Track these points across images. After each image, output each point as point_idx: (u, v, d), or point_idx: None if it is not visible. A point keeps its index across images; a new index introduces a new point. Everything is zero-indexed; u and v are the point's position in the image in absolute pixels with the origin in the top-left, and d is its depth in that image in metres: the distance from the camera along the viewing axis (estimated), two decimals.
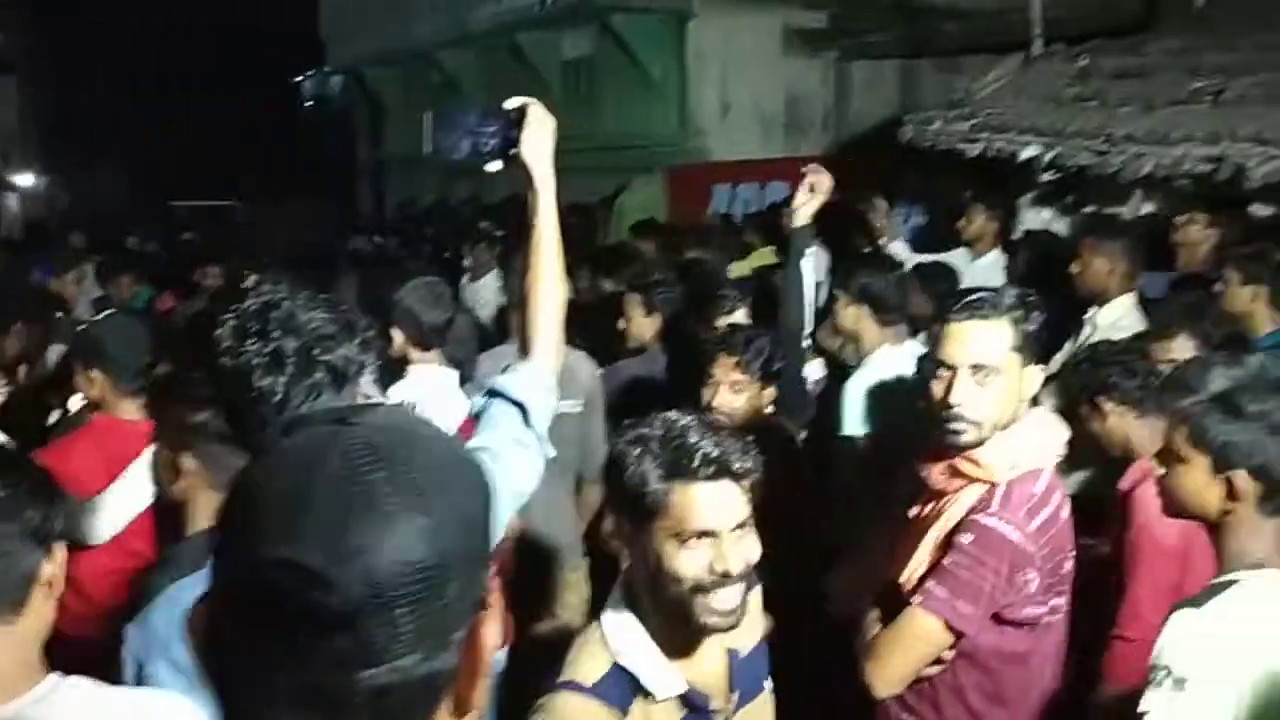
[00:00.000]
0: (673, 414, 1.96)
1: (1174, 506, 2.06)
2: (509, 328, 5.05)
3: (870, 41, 11.99)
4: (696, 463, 1.87)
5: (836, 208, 8.71)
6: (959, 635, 2.34)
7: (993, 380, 2.37)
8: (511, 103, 2.15)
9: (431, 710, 0.89)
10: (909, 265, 6.17)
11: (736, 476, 1.91)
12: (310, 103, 33.95)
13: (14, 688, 1.58)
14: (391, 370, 3.73)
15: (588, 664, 1.93)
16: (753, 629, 2.10)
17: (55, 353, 5.16)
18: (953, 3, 10.63)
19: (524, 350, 2.16)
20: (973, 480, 2.38)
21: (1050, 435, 2.47)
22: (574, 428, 4.34)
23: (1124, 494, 3.03)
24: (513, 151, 2.14)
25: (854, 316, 4.37)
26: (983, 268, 6.41)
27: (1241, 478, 1.94)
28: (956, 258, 6.58)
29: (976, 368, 2.37)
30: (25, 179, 26.54)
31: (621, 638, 1.95)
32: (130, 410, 3.50)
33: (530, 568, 4.12)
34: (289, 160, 30.18)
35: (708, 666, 1.99)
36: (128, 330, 3.71)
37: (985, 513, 2.33)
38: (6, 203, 24.59)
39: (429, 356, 3.73)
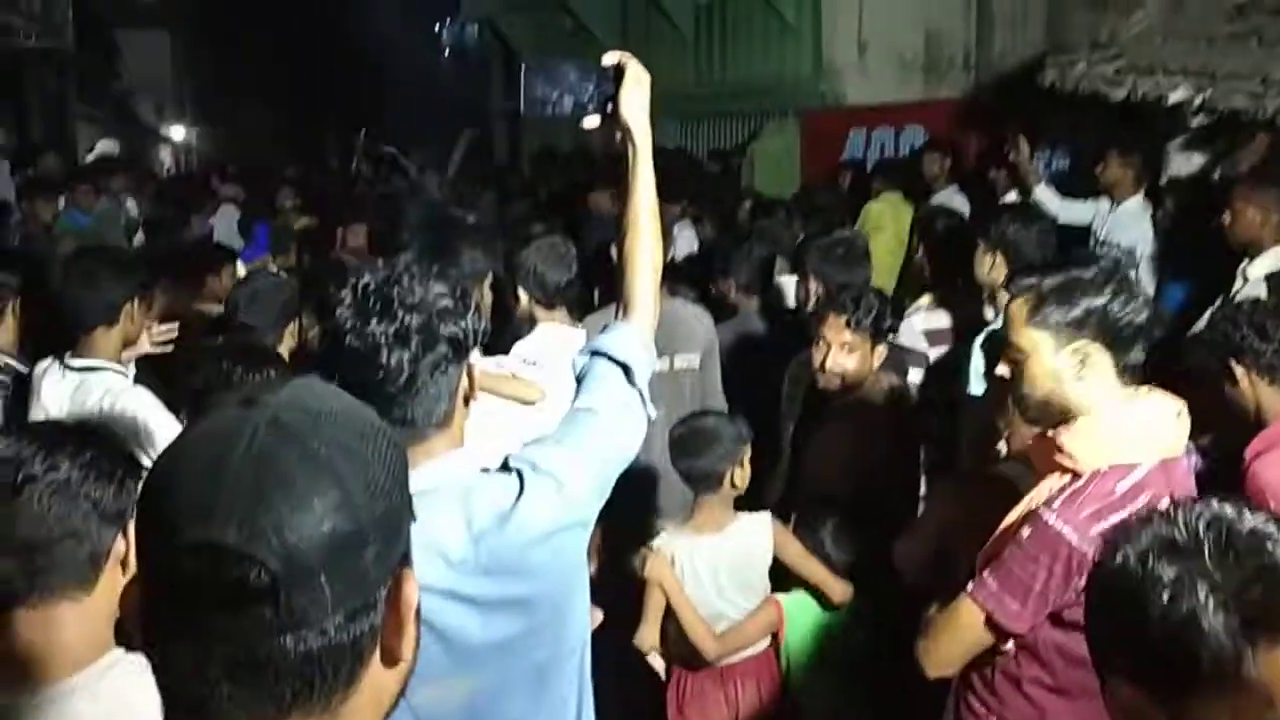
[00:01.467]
0: (1222, 509, 1.40)
1: None
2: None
3: None
4: None
5: (977, 152, 8.56)
6: (1007, 633, 2.20)
7: (1023, 362, 2.21)
8: (609, 58, 2.14)
9: (361, 665, 0.95)
10: (1058, 214, 6.03)
11: None
12: (446, 51, 34.54)
13: (80, 661, 1.60)
14: (518, 328, 3.85)
15: None
16: None
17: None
18: None
19: (624, 310, 2.16)
20: (1062, 466, 2.19)
21: (1160, 427, 2.17)
22: (691, 382, 4.38)
23: (1246, 463, 2.92)
24: (610, 108, 2.13)
25: (989, 264, 4.29)
26: (1124, 215, 6.22)
27: None
28: (1096, 206, 6.40)
29: (1008, 345, 2.24)
30: (177, 131, 27.60)
31: None
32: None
33: (631, 531, 4.14)
34: (428, 108, 30.69)
35: None
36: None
37: (1049, 507, 2.14)
38: (159, 154, 25.60)
39: (554, 315, 3.82)
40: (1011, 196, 6.91)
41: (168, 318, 3.99)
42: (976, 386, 3.97)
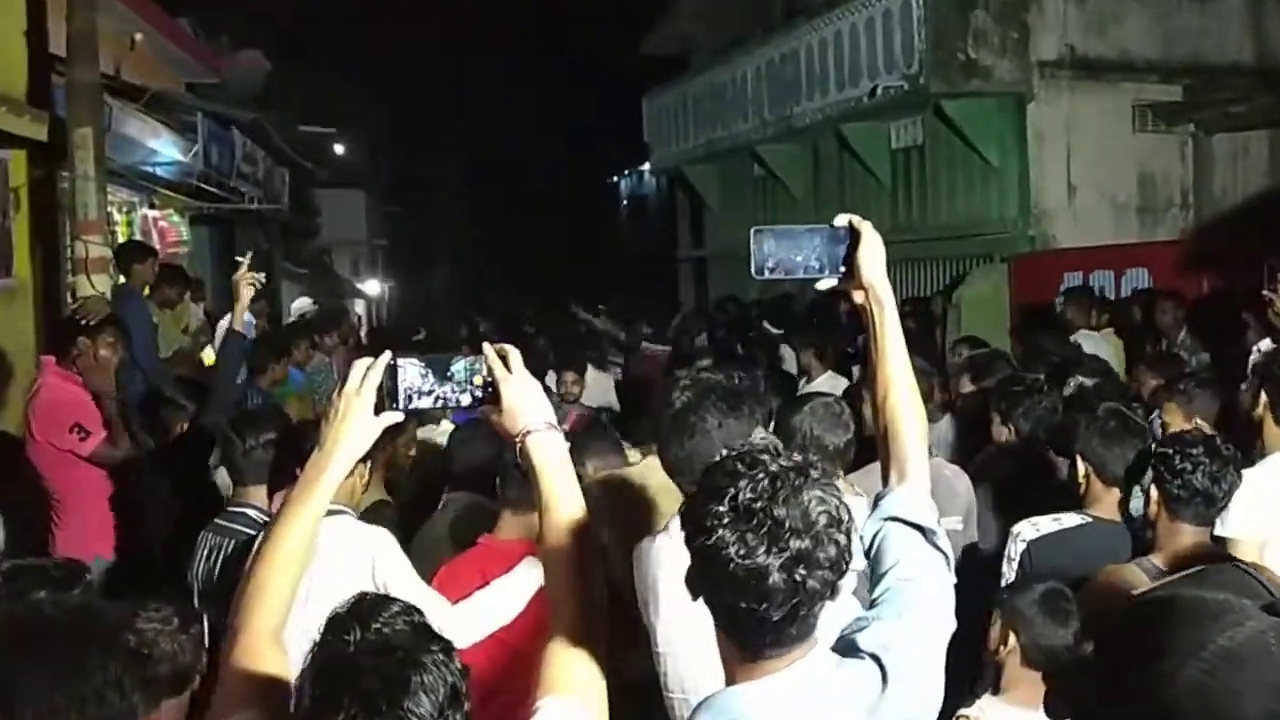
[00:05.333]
0: None
1: None
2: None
3: (1233, 112, 11.30)
4: None
5: (1206, 297, 8.20)
6: None
7: None
8: (840, 220, 2.19)
9: None
10: None
11: None
12: (627, 202, 35.57)
13: None
14: None
15: None
16: None
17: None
18: None
19: (895, 475, 2.15)
20: None
21: None
22: (956, 545, 4.20)
23: None
24: (844, 268, 2.18)
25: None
26: None
27: None
28: None
29: None
30: (371, 286, 28.97)
31: None
32: None
33: None
34: (609, 260, 31.52)
35: None
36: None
37: None
38: (354, 307, 26.83)
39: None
40: (1265, 344, 6.55)
41: None
42: None
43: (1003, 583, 3.84)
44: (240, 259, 6.04)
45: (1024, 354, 7.32)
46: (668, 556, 2.65)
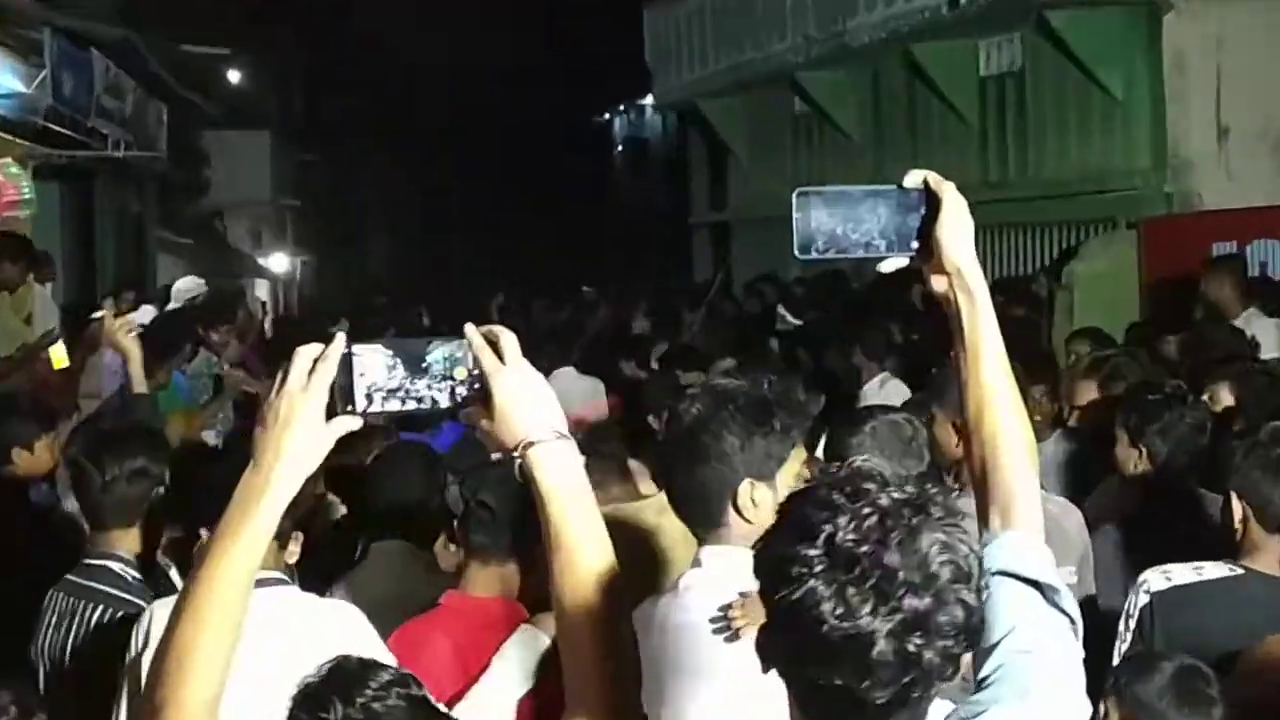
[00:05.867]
0: None
1: None
2: None
3: None
4: None
5: None
6: None
7: None
8: (911, 178, 2.20)
9: None
10: None
11: None
12: (622, 149, 35.65)
13: None
14: None
15: None
16: None
17: None
18: None
19: (997, 516, 2.18)
20: None
21: None
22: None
23: None
24: (918, 245, 2.20)
25: None
26: None
27: None
28: None
29: None
30: (278, 261, 28.95)
31: None
32: None
33: None
34: (598, 226, 31.58)
35: None
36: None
37: None
38: (255, 290, 26.79)
39: None
40: None
41: None
42: None
43: (1117, 648, 3.84)
44: (101, 307, 6.05)
45: (1185, 343, 7.28)
46: (681, 630, 2.64)
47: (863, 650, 1.67)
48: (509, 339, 2.09)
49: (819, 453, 4.05)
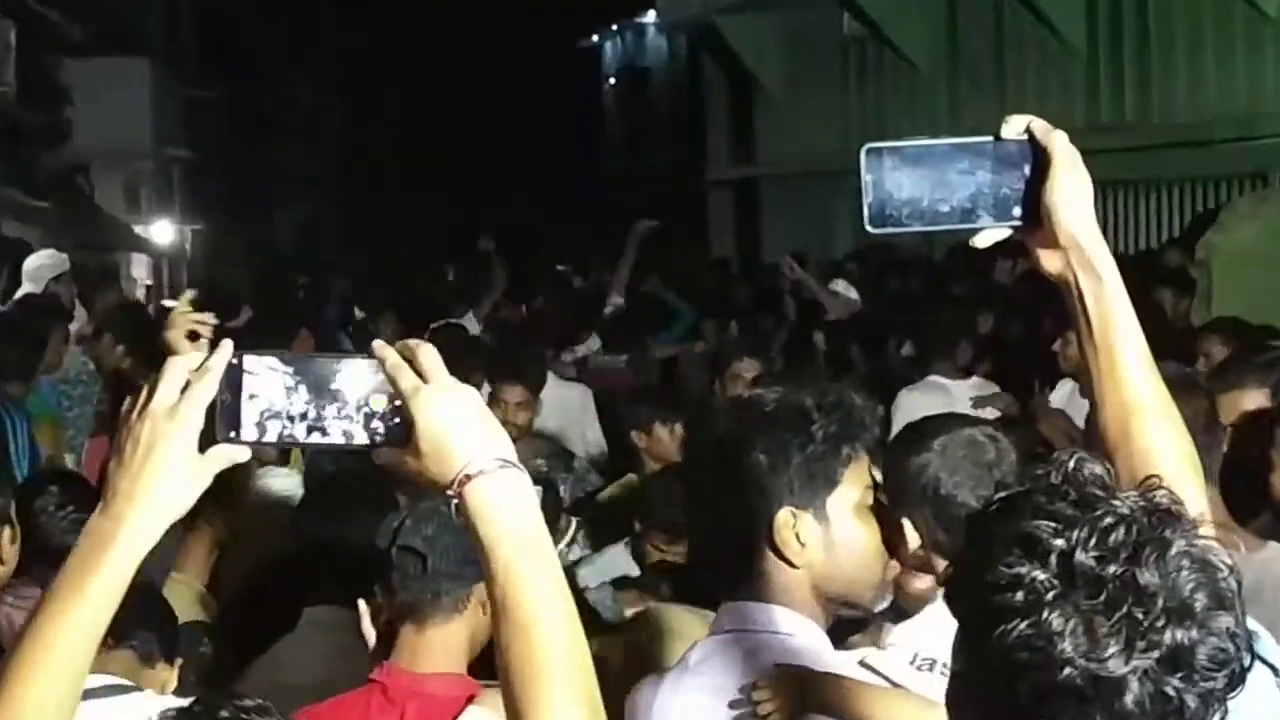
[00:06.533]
0: None
1: None
2: None
3: None
4: None
5: None
6: None
7: None
8: (1011, 126, 2.26)
9: None
10: None
11: None
12: (616, 81, 35.73)
13: None
14: None
15: None
16: None
17: None
18: None
19: None
20: None
21: None
22: None
23: None
24: (1022, 211, 2.25)
25: None
26: None
27: None
28: None
29: None
30: (162, 230, 28.98)
31: None
32: None
33: None
34: (583, 184, 31.66)
35: None
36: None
37: None
38: (130, 267, 26.84)
39: None
40: None
41: None
42: None
43: None
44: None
45: None
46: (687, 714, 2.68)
47: (1110, 696, 1.70)
48: (428, 352, 2.08)
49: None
